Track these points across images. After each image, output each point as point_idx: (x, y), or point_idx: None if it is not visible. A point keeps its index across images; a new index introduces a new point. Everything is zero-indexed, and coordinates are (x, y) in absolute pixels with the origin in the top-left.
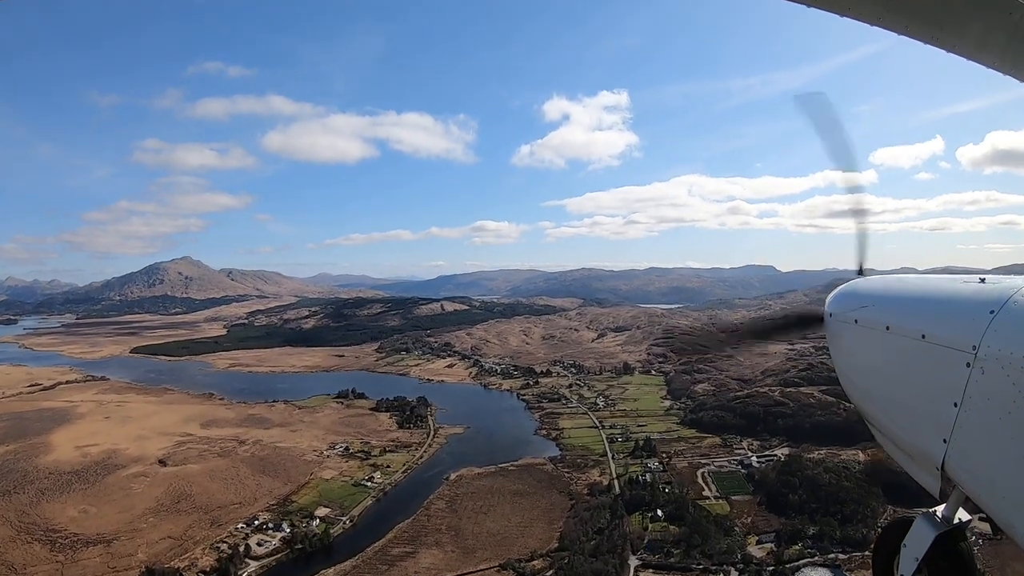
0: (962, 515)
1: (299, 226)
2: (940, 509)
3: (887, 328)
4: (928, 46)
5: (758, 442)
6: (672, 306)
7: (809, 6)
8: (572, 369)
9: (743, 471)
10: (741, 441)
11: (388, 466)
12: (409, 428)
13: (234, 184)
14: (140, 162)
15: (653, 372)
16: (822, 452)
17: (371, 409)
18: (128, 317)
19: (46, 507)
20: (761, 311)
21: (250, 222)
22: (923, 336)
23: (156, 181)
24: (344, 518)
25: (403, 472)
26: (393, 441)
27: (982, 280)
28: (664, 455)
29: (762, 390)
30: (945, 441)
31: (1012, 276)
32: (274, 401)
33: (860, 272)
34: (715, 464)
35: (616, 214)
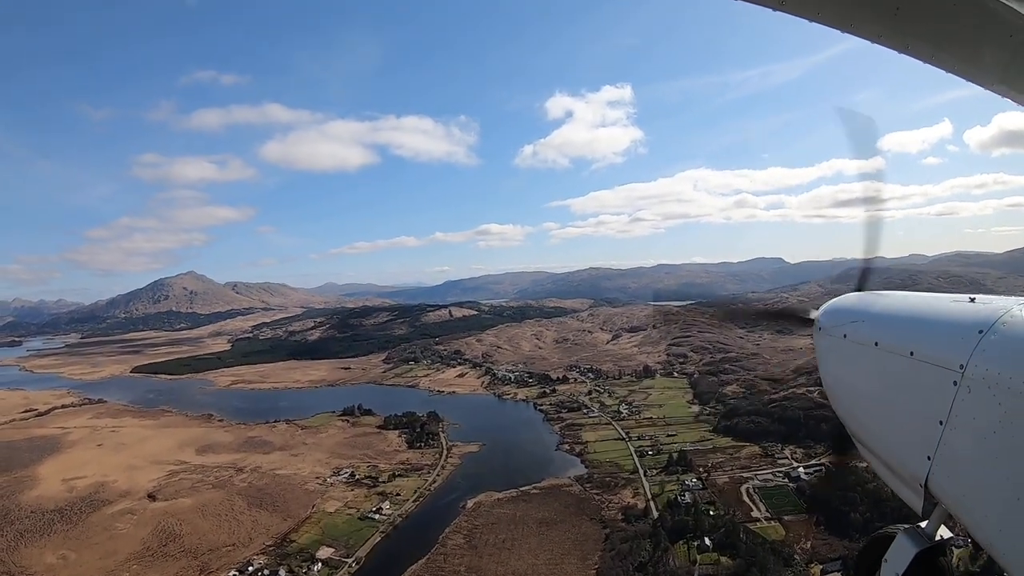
0: (944, 532)
1: (303, 237)
2: (923, 525)
3: (876, 344)
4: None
5: (801, 450)
6: (684, 303)
7: (811, 21)
8: (589, 374)
9: (791, 485)
10: (783, 449)
11: (398, 494)
12: (420, 447)
13: (235, 197)
14: (139, 177)
15: (675, 374)
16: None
17: (378, 427)
18: (132, 335)
19: (24, 552)
20: (778, 304)
21: (253, 235)
22: (911, 353)
23: (155, 196)
24: (350, 560)
25: (414, 500)
26: (403, 463)
27: (972, 299)
28: (701, 469)
29: (799, 392)
30: (929, 458)
31: (1002, 296)
32: (275, 421)
33: (864, 275)
34: (759, 478)
35: (621, 212)
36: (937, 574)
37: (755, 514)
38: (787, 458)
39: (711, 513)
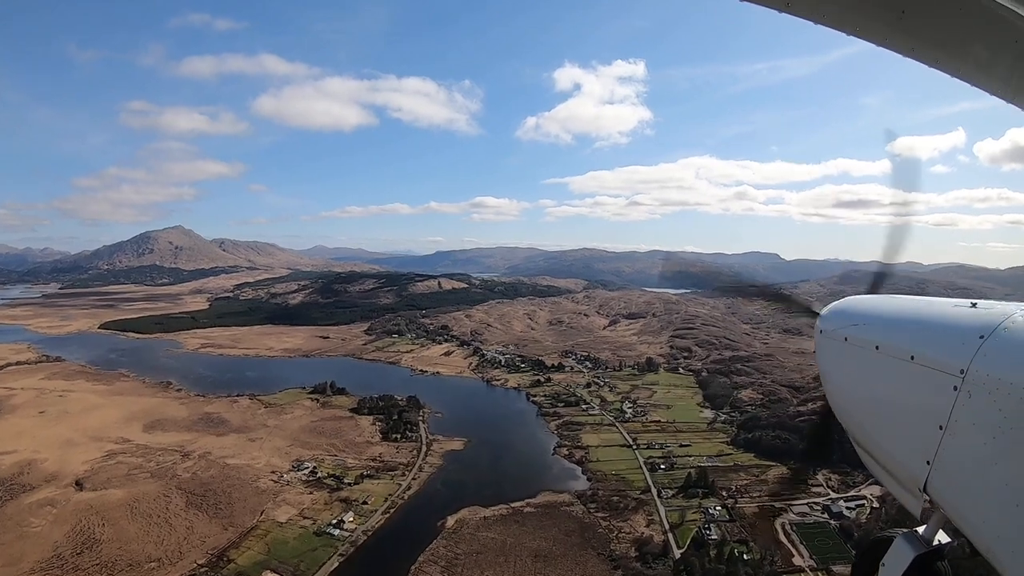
0: (942, 537)
1: (295, 197)
2: (921, 530)
3: (877, 348)
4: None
5: (837, 476)
6: (681, 291)
7: (817, 23)
8: (587, 363)
9: (833, 523)
10: (815, 474)
11: (365, 501)
12: (396, 439)
13: (226, 152)
14: (127, 125)
15: (681, 370)
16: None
17: (351, 410)
18: (112, 287)
19: None
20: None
21: (244, 192)
22: (912, 357)
23: (145, 146)
24: None
25: (384, 512)
26: (374, 460)
27: (973, 304)
28: (724, 493)
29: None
30: (928, 463)
31: (1003, 302)
32: (238, 395)
33: (879, 278)
34: (794, 510)
35: (619, 194)
36: None
37: (797, 561)
38: (822, 485)
39: (746, 557)
